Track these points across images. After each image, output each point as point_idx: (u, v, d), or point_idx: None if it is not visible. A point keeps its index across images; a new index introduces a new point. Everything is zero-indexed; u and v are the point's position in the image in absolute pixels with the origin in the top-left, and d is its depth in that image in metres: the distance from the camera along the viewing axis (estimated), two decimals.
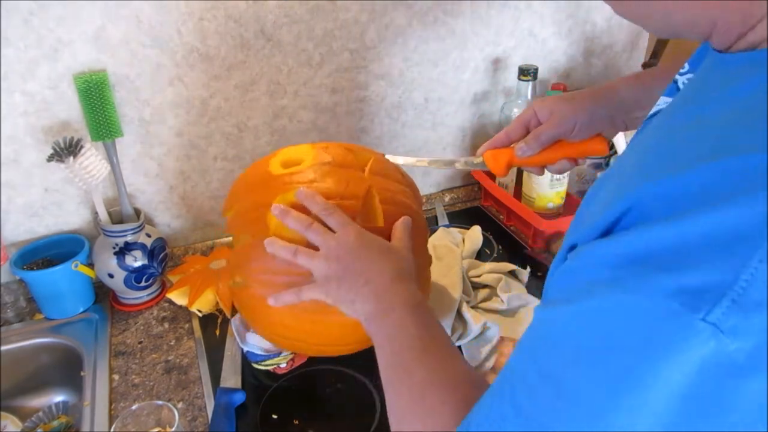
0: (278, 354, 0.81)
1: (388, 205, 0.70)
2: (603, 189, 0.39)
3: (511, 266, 1.00)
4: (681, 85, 0.45)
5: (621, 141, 1.07)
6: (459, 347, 0.85)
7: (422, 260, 0.74)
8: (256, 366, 0.83)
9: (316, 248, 0.63)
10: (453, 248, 1.02)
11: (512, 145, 0.70)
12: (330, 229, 0.63)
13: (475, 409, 0.40)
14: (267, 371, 0.83)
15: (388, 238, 0.66)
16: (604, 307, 0.31)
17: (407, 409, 0.49)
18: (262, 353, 0.80)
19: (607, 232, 0.33)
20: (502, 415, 0.36)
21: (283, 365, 0.82)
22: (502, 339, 0.86)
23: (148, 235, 0.96)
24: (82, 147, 0.85)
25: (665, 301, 0.28)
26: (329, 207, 0.64)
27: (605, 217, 0.33)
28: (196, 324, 0.94)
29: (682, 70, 0.45)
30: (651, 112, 0.47)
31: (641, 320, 0.29)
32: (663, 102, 0.46)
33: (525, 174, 1.12)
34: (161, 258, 0.97)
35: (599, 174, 1.16)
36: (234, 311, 0.92)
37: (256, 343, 0.80)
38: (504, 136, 0.71)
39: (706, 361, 0.27)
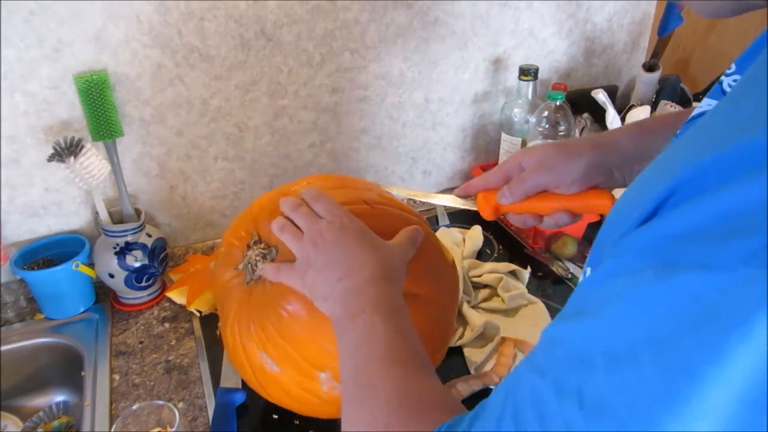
0: None
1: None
2: (634, 188, 0.35)
3: (512, 266, 1.00)
4: (727, 87, 0.42)
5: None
6: (459, 348, 0.85)
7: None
8: None
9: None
10: (453, 248, 1.03)
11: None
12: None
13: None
14: None
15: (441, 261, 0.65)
16: (662, 291, 0.26)
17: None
18: None
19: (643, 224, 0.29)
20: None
21: None
22: (502, 339, 0.86)
23: (149, 235, 0.96)
24: (82, 147, 0.85)
25: (744, 268, 0.24)
26: (320, 194, 0.61)
27: (642, 207, 0.29)
28: (196, 324, 0.94)
29: (728, 71, 0.42)
30: (693, 114, 0.43)
31: (715, 295, 0.24)
32: (706, 104, 0.43)
33: None
34: (162, 258, 0.97)
35: None
36: None
37: None
38: (481, 181, 0.66)
39: None
